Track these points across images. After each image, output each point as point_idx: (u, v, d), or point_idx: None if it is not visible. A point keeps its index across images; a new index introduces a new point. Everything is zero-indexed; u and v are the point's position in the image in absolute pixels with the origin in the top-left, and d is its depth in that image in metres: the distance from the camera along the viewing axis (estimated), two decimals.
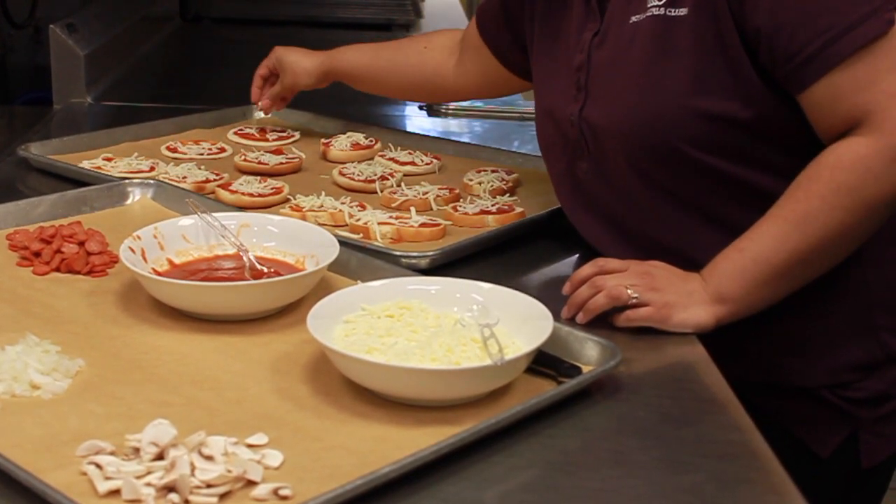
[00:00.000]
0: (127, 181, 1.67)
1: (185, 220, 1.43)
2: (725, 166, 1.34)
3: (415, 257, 1.41)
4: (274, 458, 0.97)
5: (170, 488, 0.91)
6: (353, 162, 1.86)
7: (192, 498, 0.91)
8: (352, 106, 2.14)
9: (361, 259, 1.39)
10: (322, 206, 1.62)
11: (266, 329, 1.26)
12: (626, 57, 1.38)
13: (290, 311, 1.29)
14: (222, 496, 0.92)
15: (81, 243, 1.41)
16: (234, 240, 1.40)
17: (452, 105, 2.43)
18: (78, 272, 1.38)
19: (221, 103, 2.18)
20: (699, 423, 1.10)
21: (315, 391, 1.12)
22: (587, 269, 1.32)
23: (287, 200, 1.67)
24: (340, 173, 1.79)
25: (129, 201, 1.64)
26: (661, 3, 1.35)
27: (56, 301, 1.30)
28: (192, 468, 0.93)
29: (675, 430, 1.09)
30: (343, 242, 1.40)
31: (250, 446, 0.99)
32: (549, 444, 1.04)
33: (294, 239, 1.40)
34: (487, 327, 1.13)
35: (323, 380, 1.14)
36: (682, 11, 1.33)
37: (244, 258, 1.37)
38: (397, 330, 1.17)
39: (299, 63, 1.95)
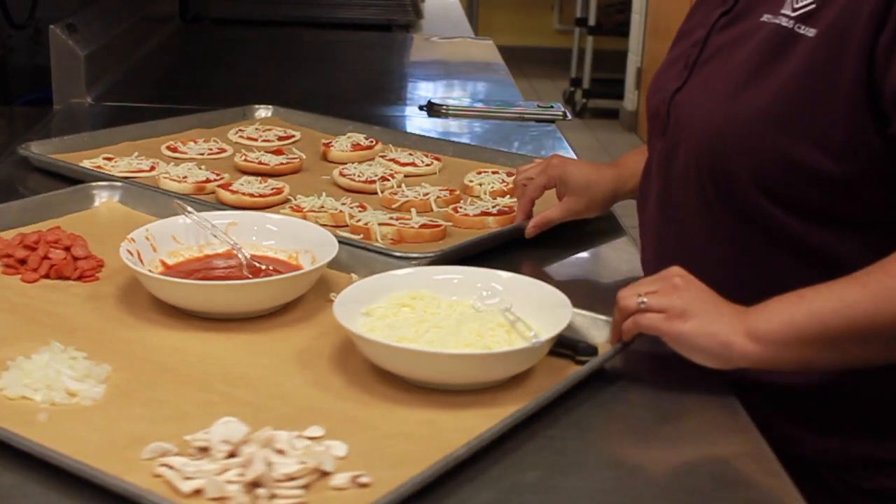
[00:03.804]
0: (93, 184, 1.65)
1: (175, 222, 1.43)
2: (786, 218, 1.23)
3: (415, 258, 1.41)
4: (339, 448, 0.99)
5: (254, 484, 0.92)
6: (353, 163, 1.86)
7: (277, 491, 0.92)
8: (352, 106, 2.13)
9: (362, 257, 1.41)
10: (323, 206, 1.62)
11: (277, 325, 1.27)
12: (737, 53, 1.28)
13: (290, 308, 1.31)
14: (303, 488, 0.93)
15: (67, 248, 1.39)
16: (227, 238, 1.40)
17: (452, 106, 2.43)
18: (68, 278, 1.37)
19: (221, 104, 2.18)
20: (699, 425, 1.11)
21: (349, 382, 1.14)
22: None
23: (287, 201, 1.67)
24: (341, 174, 1.79)
25: (95, 204, 1.62)
26: (793, 13, 1.23)
27: (57, 308, 1.29)
28: (268, 463, 0.94)
29: (674, 432, 1.09)
30: (343, 243, 1.41)
31: (310, 439, 1.01)
32: (548, 445, 1.05)
33: (284, 235, 1.42)
34: (510, 311, 1.17)
35: (352, 370, 1.16)
36: (811, 32, 1.20)
37: (239, 256, 1.38)
38: (420, 319, 1.20)
39: (594, 184, 1.56)
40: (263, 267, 1.36)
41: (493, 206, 1.65)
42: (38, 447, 0.96)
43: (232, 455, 0.96)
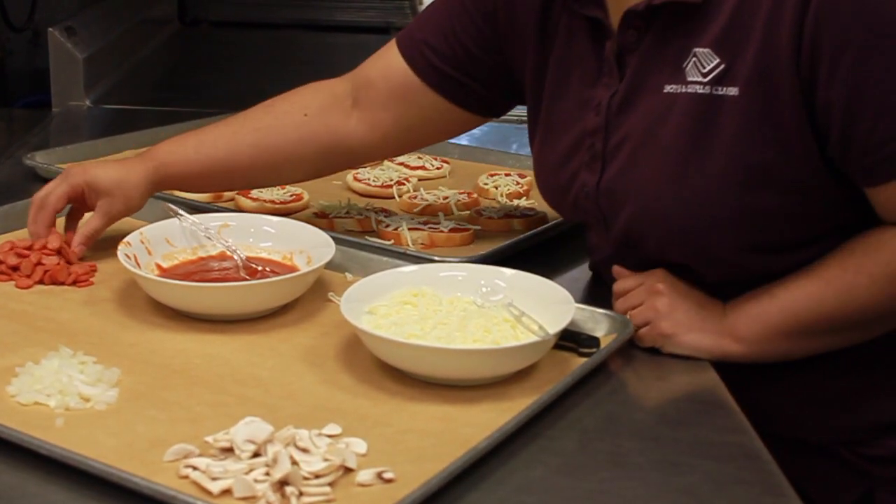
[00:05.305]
0: None
1: (168, 224, 1.43)
2: (764, 259, 1.23)
3: (455, 263, 1.38)
4: (359, 445, 1.01)
5: (282, 483, 0.93)
6: (363, 167, 1.85)
7: (305, 489, 0.93)
8: None
9: (356, 257, 1.43)
10: (348, 212, 1.62)
11: (277, 326, 1.28)
12: (660, 133, 1.21)
13: (288, 309, 1.32)
14: (329, 485, 0.94)
15: (59, 254, 1.39)
16: (222, 241, 1.41)
17: None
18: (62, 283, 1.37)
19: (219, 107, 2.16)
20: (696, 425, 1.11)
21: (358, 380, 1.15)
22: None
23: (307, 207, 1.67)
24: (355, 178, 1.79)
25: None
26: (704, 78, 1.18)
27: (56, 314, 1.29)
28: (293, 461, 0.95)
29: (671, 432, 1.09)
30: (375, 248, 1.45)
31: (330, 437, 1.01)
32: (546, 446, 1.05)
33: (278, 236, 1.42)
34: (514, 306, 1.19)
35: (359, 368, 1.17)
36: (732, 91, 1.16)
37: (235, 258, 1.39)
38: (423, 316, 1.21)
39: (125, 180, 1.43)
40: (259, 268, 1.37)
41: (516, 209, 1.65)
42: (65, 452, 0.96)
43: (256, 455, 0.96)
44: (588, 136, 1.30)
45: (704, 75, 1.18)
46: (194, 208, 1.56)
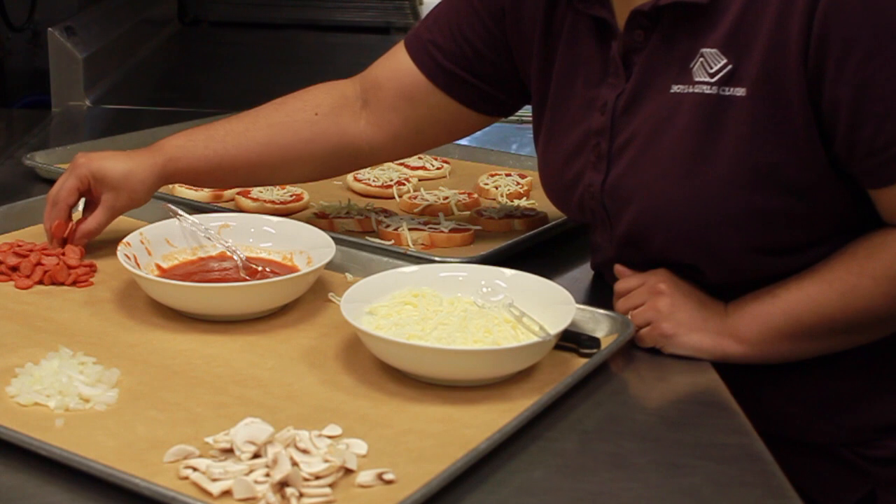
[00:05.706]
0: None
1: (168, 225, 1.43)
2: (768, 260, 1.23)
3: (456, 263, 1.38)
4: (359, 446, 1.00)
5: (282, 484, 0.93)
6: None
7: (305, 490, 0.93)
8: None
9: (356, 257, 1.43)
10: (348, 212, 1.62)
11: (277, 327, 1.28)
12: (667, 133, 1.22)
13: (288, 309, 1.31)
14: (329, 486, 0.94)
15: (61, 254, 1.39)
16: (222, 241, 1.41)
17: None
18: (62, 283, 1.37)
19: (219, 106, 2.17)
20: (697, 426, 1.11)
21: (358, 380, 1.15)
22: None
23: (307, 207, 1.67)
24: (356, 179, 1.79)
25: (78, 208, 1.56)
26: (712, 79, 1.18)
27: (55, 314, 1.29)
28: (293, 462, 0.95)
29: (673, 433, 1.09)
30: (376, 248, 1.44)
31: (330, 438, 1.01)
32: (547, 447, 1.05)
33: (279, 237, 1.42)
34: (514, 307, 1.19)
35: (360, 369, 1.17)
36: (740, 91, 1.16)
37: (235, 258, 1.39)
38: (424, 317, 1.20)
39: (132, 174, 1.42)
40: (259, 268, 1.37)
41: (517, 210, 1.65)
42: (65, 453, 0.96)
43: (256, 456, 0.96)
44: (593, 136, 1.29)
45: (711, 76, 1.18)
46: (194, 208, 1.56)
